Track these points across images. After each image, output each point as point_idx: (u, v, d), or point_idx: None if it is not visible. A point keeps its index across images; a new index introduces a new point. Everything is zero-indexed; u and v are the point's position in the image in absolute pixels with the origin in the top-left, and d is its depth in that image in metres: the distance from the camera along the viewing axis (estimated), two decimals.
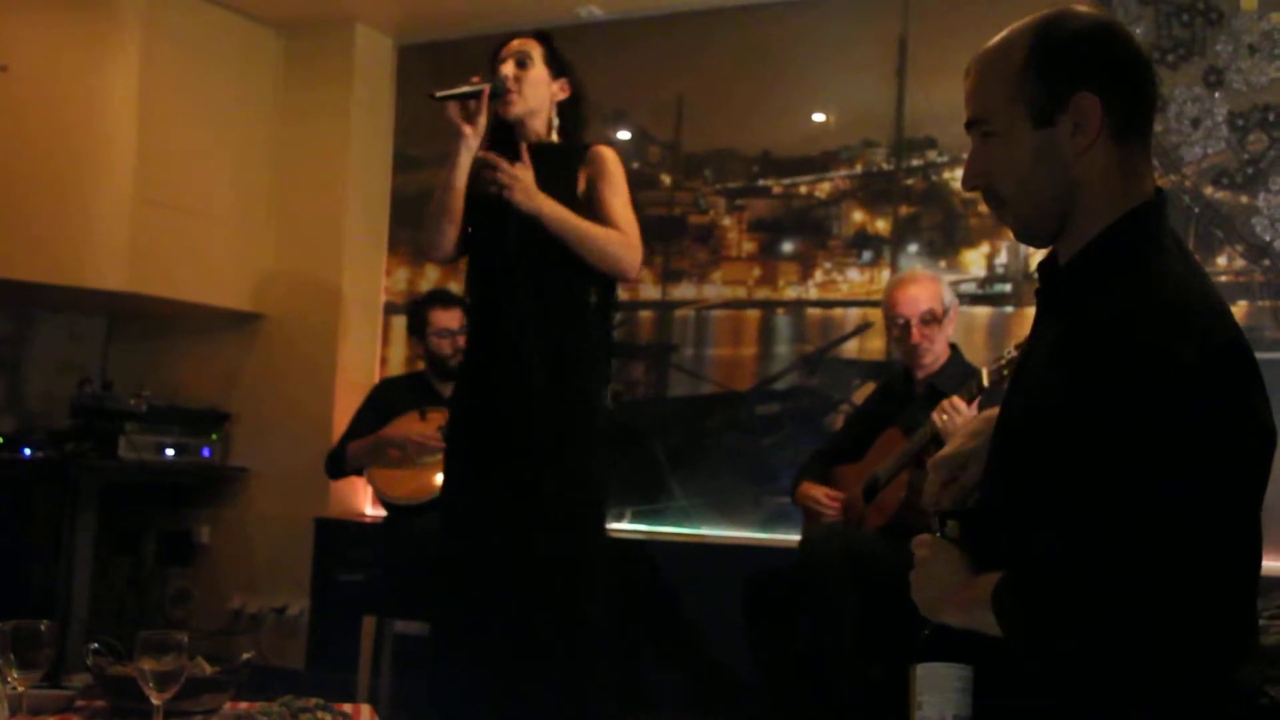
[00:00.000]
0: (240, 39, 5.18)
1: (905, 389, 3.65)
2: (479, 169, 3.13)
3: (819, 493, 3.64)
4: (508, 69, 3.14)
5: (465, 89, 3.07)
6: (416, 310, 4.40)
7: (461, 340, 4.14)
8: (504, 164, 3.04)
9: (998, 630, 1.47)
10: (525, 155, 3.09)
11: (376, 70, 5.34)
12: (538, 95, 3.17)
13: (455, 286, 4.44)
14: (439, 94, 3.04)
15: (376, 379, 5.13)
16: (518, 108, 3.15)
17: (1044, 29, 1.57)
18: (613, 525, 4.42)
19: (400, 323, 5.22)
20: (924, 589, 1.61)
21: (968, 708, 1.50)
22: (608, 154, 3.22)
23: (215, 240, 5.07)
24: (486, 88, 3.08)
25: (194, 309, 5.09)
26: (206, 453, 5.11)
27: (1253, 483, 1.44)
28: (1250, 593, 1.44)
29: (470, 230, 3.18)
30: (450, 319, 4.30)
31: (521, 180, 3.04)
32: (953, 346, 3.61)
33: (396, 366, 5.23)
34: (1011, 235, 1.79)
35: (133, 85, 4.70)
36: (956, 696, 1.51)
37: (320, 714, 2.26)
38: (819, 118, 4.63)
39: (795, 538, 3.69)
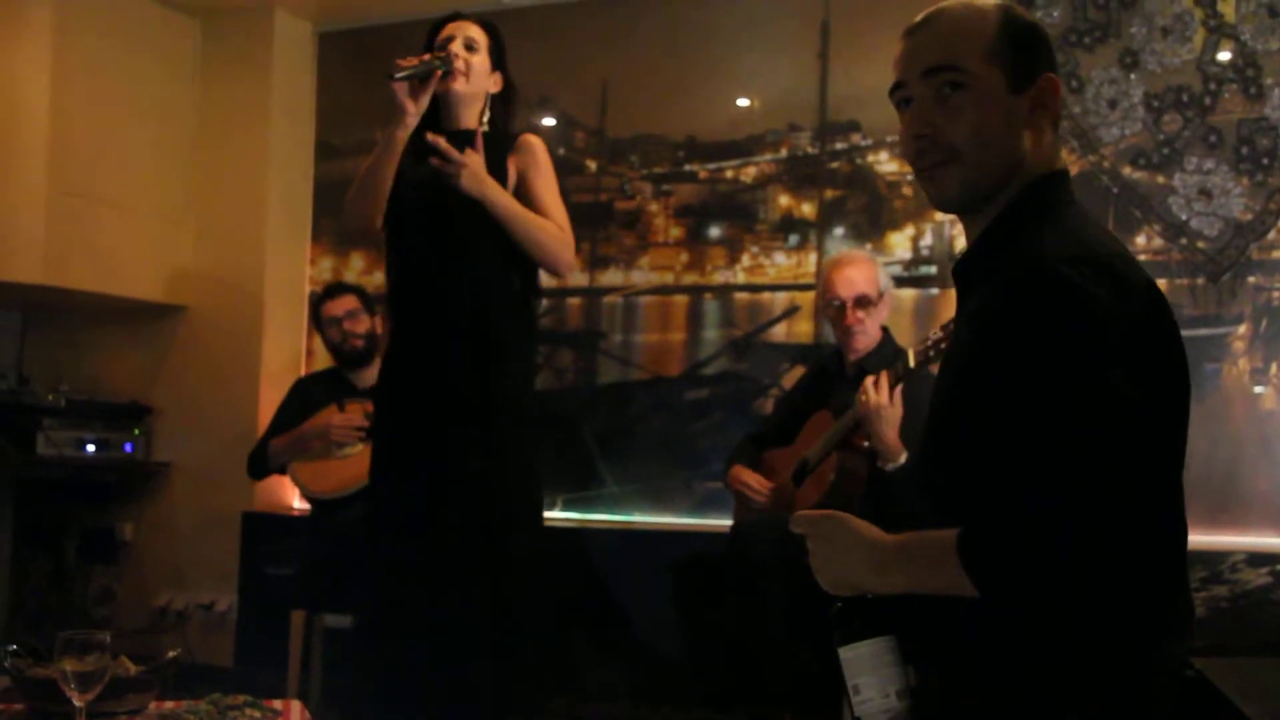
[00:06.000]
0: (156, 26, 5.07)
1: (837, 371, 3.67)
2: (420, 152, 3.08)
3: (750, 478, 3.64)
4: (457, 48, 3.11)
5: (419, 67, 3.01)
6: (313, 308, 4.41)
7: (348, 325, 4.28)
8: (452, 150, 3.01)
9: (951, 586, 1.43)
10: (479, 141, 3.06)
11: (297, 57, 5.25)
12: (478, 83, 3.14)
13: (378, 274, 4.40)
14: (398, 75, 2.98)
15: (302, 370, 5.07)
16: (468, 86, 3.11)
17: (1006, 10, 1.63)
18: (545, 514, 4.41)
19: None
20: (832, 565, 1.58)
21: (902, 678, 1.48)
22: (536, 143, 3.19)
23: (133, 231, 4.97)
24: (439, 69, 3.04)
25: (113, 301, 4.99)
26: (129, 448, 5.03)
27: (1174, 417, 1.48)
28: (1175, 545, 1.47)
29: (395, 215, 3.14)
30: (336, 307, 4.32)
31: (469, 165, 3.01)
32: (884, 329, 3.63)
33: (323, 358, 5.16)
34: (935, 211, 1.80)
35: (45, 74, 4.59)
36: (892, 671, 1.48)
37: (249, 711, 2.23)
38: (743, 102, 4.63)
39: (727, 522, 3.70)
